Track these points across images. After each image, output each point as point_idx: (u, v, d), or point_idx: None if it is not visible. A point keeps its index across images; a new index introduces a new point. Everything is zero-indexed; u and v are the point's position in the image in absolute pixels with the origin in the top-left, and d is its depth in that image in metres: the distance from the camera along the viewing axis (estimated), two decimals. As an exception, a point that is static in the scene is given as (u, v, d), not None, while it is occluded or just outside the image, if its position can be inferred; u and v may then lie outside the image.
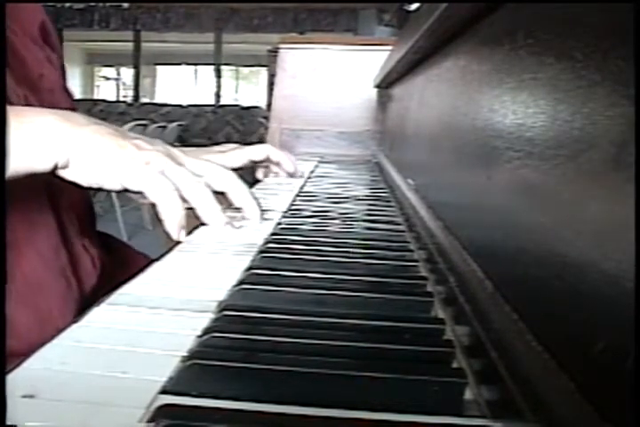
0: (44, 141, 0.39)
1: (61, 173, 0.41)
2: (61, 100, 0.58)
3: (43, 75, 0.55)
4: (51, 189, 0.50)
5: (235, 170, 0.72)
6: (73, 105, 0.63)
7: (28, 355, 0.24)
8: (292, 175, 0.82)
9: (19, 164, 0.38)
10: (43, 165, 0.40)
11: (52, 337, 0.26)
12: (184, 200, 0.43)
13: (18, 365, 0.23)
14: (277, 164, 0.79)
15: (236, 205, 0.51)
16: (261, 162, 0.76)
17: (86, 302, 0.52)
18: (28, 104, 0.49)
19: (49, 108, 0.44)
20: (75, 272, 0.52)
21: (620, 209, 0.16)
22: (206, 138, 5.53)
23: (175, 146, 0.57)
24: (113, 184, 0.42)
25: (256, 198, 0.52)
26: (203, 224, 0.47)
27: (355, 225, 0.54)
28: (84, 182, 0.42)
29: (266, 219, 0.53)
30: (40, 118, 0.40)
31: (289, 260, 0.40)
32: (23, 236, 0.47)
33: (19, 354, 0.25)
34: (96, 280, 0.55)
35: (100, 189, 0.45)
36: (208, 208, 0.45)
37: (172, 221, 0.43)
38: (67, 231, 0.53)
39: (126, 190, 0.43)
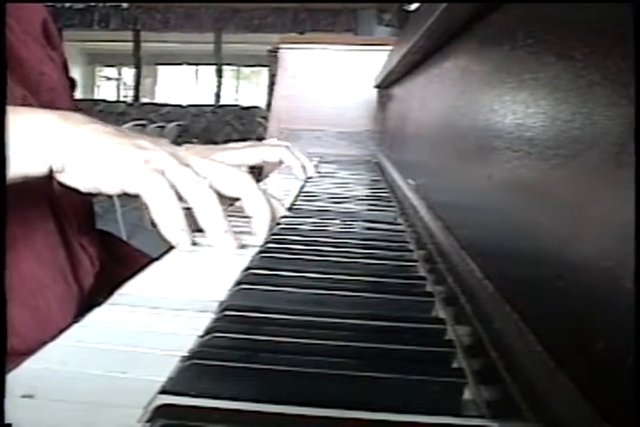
0: (37, 143, 0.37)
1: (59, 177, 0.39)
2: (63, 100, 0.57)
3: (43, 73, 0.54)
4: (49, 187, 0.49)
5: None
6: (75, 105, 0.62)
7: (29, 354, 0.24)
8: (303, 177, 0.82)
9: (13, 168, 0.36)
10: (36, 169, 0.37)
11: (53, 337, 0.26)
12: (183, 201, 0.40)
13: (18, 364, 0.23)
14: (289, 167, 0.80)
15: (248, 213, 0.46)
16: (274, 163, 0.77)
17: (85, 301, 0.52)
18: (26, 104, 0.48)
19: (49, 108, 0.42)
20: (73, 271, 0.52)
21: (619, 209, 0.16)
22: (206, 138, 5.54)
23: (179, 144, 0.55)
24: (112, 188, 0.39)
25: (273, 208, 0.48)
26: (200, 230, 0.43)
27: (354, 225, 0.54)
28: (82, 187, 0.40)
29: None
30: (33, 117, 0.38)
31: (289, 260, 0.40)
32: (20, 235, 0.46)
33: (19, 353, 0.24)
34: (94, 279, 0.55)
35: (100, 195, 0.42)
36: (209, 213, 0.41)
37: (167, 223, 0.39)
38: (65, 230, 0.52)
39: (126, 194, 0.40)
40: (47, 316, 0.47)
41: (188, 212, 0.41)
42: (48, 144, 0.37)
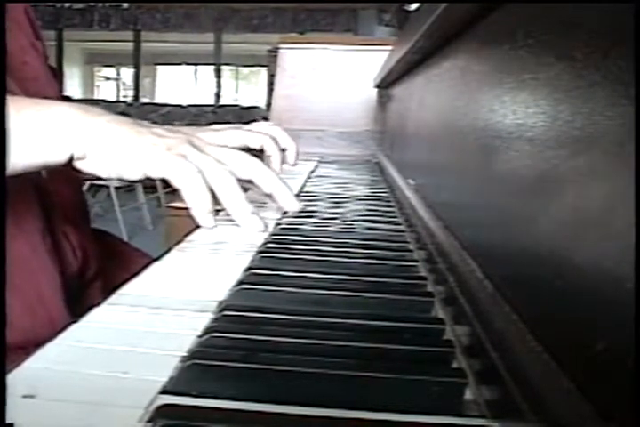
0: (59, 132, 0.38)
1: (78, 164, 0.39)
2: (47, 89, 0.56)
3: (25, 62, 0.53)
4: (36, 173, 0.48)
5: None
6: (59, 93, 0.61)
7: (23, 343, 0.24)
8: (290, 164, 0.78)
9: (33, 156, 0.37)
10: (58, 157, 0.38)
11: (45, 324, 0.26)
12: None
13: (18, 364, 0.23)
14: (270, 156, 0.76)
15: (266, 191, 0.47)
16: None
17: (70, 290, 0.51)
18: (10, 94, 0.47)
19: (34, 96, 0.42)
20: (57, 259, 0.51)
21: (619, 209, 0.16)
22: (206, 138, 5.51)
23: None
24: (134, 173, 0.40)
25: (288, 185, 0.49)
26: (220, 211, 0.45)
27: (355, 225, 0.54)
28: (104, 174, 0.40)
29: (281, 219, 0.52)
30: (55, 108, 0.38)
31: (289, 260, 0.40)
32: (10, 219, 0.45)
33: (12, 343, 0.24)
34: (77, 270, 0.54)
35: (121, 180, 0.43)
36: (233, 196, 0.43)
37: (200, 205, 0.41)
38: (50, 216, 0.51)
39: (149, 179, 0.41)
40: (38, 301, 0.46)
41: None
42: (69, 133, 0.38)
